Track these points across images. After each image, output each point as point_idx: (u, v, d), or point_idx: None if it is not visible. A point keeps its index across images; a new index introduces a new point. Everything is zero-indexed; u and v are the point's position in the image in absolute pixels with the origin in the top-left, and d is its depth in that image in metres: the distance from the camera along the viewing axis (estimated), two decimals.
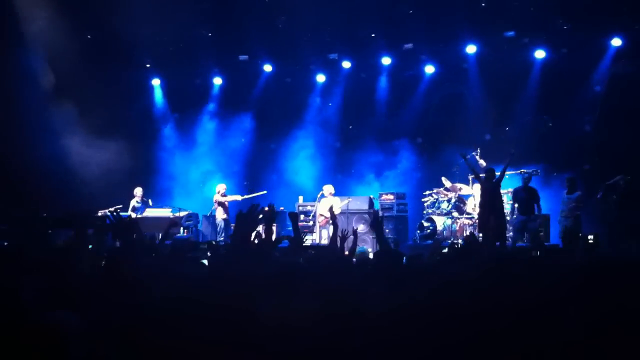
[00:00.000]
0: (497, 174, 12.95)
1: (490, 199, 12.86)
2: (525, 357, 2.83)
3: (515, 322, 2.98)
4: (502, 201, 13.53)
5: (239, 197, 16.60)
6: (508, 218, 14.70)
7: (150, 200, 16.62)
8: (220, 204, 16.61)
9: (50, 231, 15.04)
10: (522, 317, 3.00)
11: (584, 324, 2.97)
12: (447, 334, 2.93)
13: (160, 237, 15.52)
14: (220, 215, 16.55)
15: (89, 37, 17.42)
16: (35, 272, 4.18)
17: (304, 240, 15.68)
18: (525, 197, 13.82)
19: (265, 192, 16.65)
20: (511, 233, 14.27)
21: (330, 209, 7.41)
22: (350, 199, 16.34)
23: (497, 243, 12.62)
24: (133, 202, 16.41)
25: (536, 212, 13.78)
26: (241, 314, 2.98)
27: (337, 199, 16.02)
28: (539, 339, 2.86)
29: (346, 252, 8.28)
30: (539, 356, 2.83)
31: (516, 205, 14.07)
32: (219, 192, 16.71)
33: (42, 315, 2.72)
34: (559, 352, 2.81)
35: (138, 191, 16.58)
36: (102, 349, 2.79)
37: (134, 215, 15.84)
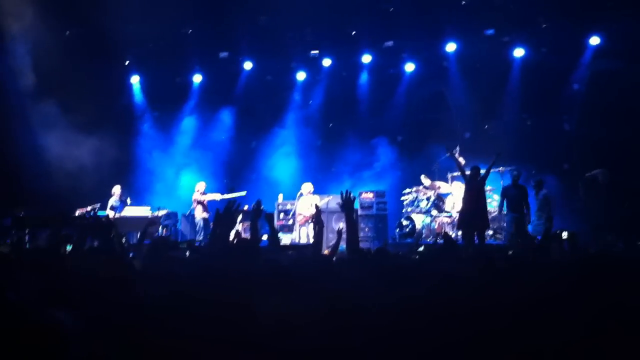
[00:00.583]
0: (482, 171, 12.95)
1: (475, 196, 12.86)
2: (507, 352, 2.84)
3: (505, 319, 3.00)
4: (485, 199, 13.53)
5: (218, 196, 16.51)
6: (496, 214, 14.76)
7: (129, 199, 16.50)
8: (200, 202, 16.53)
9: (27, 230, 15.02)
10: (512, 315, 3.03)
11: (568, 321, 2.98)
12: (435, 331, 2.94)
13: (139, 236, 15.53)
14: (199, 214, 16.48)
15: (67, 33, 17.29)
16: (27, 271, 4.26)
17: (280, 239, 15.68)
18: (515, 194, 13.83)
19: (244, 192, 16.53)
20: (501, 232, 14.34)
21: (316, 207, 7.32)
22: (330, 197, 16.30)
23: (477, 241, 12.66)
24: (112, 201, 16.29)
25: (525, 210, 13.78)
26: (229, 311, 2.99)
27: (316, 197, 15.97)
28: (527, 335, 2.87)
29: (326, 251, 8.25)
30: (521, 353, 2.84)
31: (505, 202, 14.05)
32: (198, 191, 16.63)
33: (40, 314, 2.67)
34: (540, 349, 2.81)
35: (117, 189, 16.46)
36: (98, 348, 2.76)
37: (112, 214, 15.73)
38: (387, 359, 2.85)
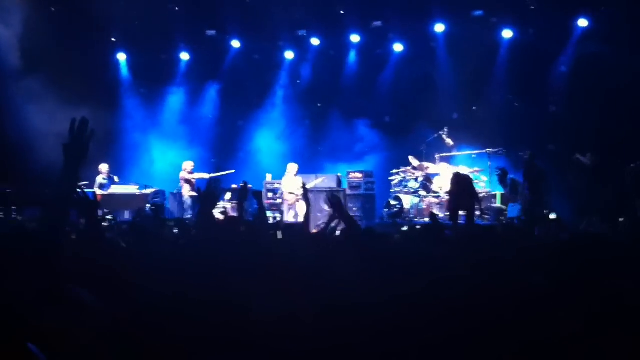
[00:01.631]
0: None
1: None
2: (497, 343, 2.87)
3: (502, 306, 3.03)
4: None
5: (205, 175, 16.48)
6: (485, 195, 14.80)
7: (116, 177, 16.44)
8: (187, 181, 16.51)
9: (13, 208, 14.93)
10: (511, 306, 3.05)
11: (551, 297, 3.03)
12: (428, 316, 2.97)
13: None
14: (187, 192, 16.46)
15: (52, 9, 17.07)
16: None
17: (271, 218, 15.76)
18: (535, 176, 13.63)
19: (233, 171, 16.57)
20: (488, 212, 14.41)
21: (304, 187, 7.36)
22: (323, 178, 16.48)
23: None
24: (99, 179, 16.22)
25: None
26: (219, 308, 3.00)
27: (299, 178, 16.11)
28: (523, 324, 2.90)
29: (314, 230, 8.32)
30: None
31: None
32: (185, 170, 16.60)
33: (66, 291, 2.80)
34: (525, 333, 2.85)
35: (104, 167, 16.38)
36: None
37: (100, 192, 15.66)
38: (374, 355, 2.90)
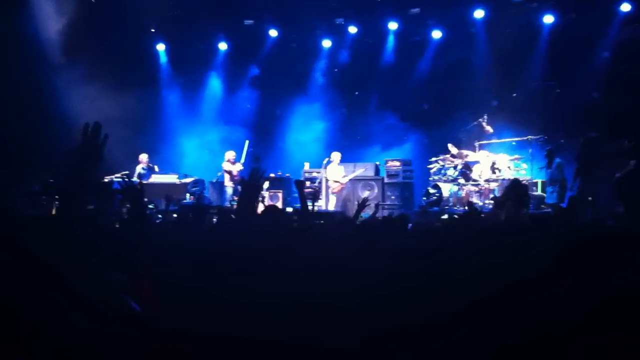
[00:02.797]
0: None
1: None
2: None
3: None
4: None
5: (239, 167, 16.62)
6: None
7: (156, 167, 16.60)
8: (228, 171, 16.62)
9: (56, 197, 15.14)
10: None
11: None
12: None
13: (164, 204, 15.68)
14: (228, 182, 16.58)
15: (93, 1, 17.27)
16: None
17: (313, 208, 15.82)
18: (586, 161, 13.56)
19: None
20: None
21: (362, 201, 7.29)
22: (362, 168, 16.52)
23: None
24: (139, 169, 16.40)
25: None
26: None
27: (341, 167, 16.21)
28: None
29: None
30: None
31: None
32: (228, 160, 16.71)
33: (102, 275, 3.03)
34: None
35: (144, 157, 16.56)
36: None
37: (139, 181, 15.82)
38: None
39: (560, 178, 14.08)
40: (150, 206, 14.22)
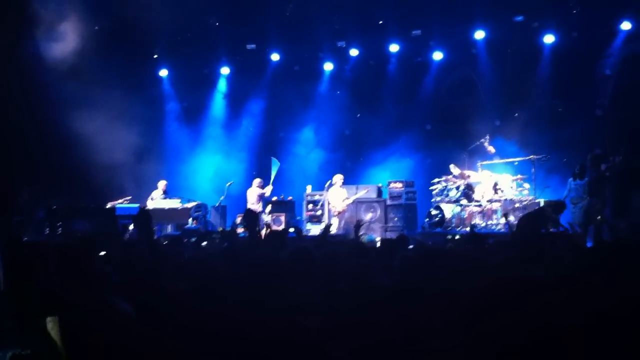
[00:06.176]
0: None
1: None
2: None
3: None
4: None
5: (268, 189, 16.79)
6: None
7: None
8: (260, 195, 16.57)
9: (59, 223, 15.13)
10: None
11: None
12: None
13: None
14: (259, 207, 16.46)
15: (96, 28, 17.38)
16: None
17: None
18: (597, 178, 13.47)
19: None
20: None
21: (357, 222, 7.65)
22: (365, 190, 16.45)
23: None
24: (155, 195, 16.32)
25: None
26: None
27: (344, 190, 16.14)
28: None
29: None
30: None
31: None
32: (257, 187, 16.65)
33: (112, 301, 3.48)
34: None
35: (162, 184, 16.49)
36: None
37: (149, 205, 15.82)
38: None
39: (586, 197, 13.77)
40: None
